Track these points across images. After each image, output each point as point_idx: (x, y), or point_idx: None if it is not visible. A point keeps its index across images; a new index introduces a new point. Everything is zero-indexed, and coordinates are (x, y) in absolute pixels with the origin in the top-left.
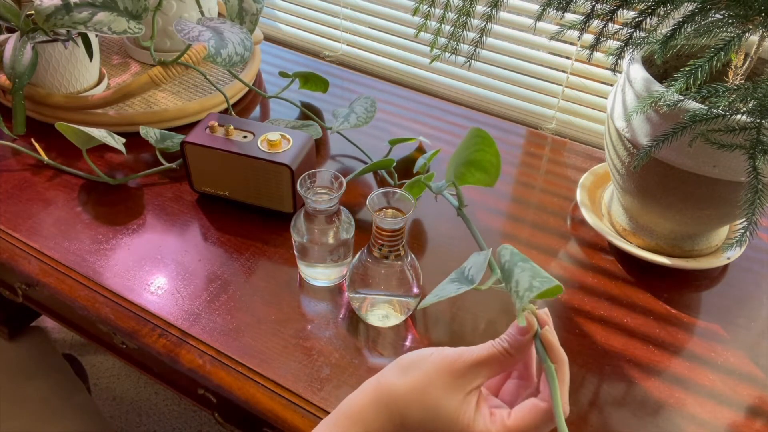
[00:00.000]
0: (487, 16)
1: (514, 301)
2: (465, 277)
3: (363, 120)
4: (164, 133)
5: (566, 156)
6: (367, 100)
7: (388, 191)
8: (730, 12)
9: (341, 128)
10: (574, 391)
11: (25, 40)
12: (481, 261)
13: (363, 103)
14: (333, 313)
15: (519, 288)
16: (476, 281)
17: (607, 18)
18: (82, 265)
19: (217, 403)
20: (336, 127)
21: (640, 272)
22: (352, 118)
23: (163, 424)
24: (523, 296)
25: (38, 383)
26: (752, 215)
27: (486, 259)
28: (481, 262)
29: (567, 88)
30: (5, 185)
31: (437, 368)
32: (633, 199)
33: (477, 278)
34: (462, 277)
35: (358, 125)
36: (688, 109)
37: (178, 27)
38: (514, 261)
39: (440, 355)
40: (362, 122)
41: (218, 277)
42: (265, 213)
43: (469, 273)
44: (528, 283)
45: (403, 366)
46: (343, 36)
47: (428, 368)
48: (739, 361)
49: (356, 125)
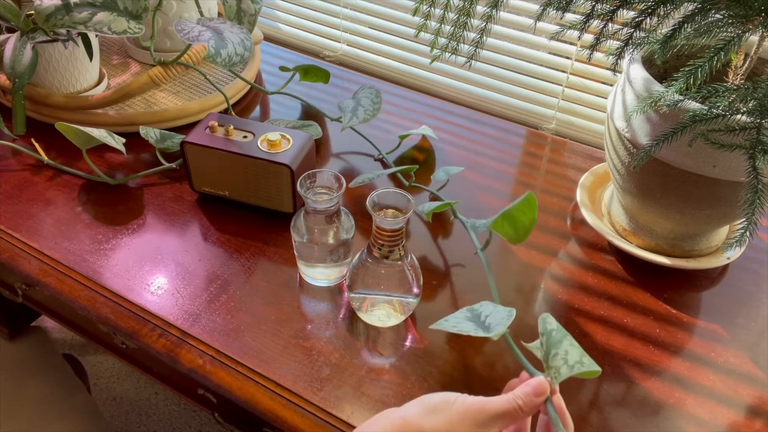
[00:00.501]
0: (487, 16)
1: (550, 365)
2: (481, 322)
3: (371, 113)
4: (164, 133)
5: (566, 156)
6: (371, 91)
7: (388, 191)
8: (730, 12)
9: (351, 124)
10: (575, 391)
11: (25, 40)
12: (503, 317)
13: (368, 94)
14: (333, 313)
15: (569, 358)
16: (492, 333)
17: (607, 18)
18: (82, 265)
19: (217, 403)
20: (346, 123)
21: (640, 272)
22: (360, 113)
23: (163, 424)
24: (573, 367)
25: (38, 383)
26: (752, 215)
27: (510, 319)
28: (503, 318)
29: (567, 88)
30: (5, 185)
31: (462, 417)
32: (633, 199)
33: (495, 331)
34: (476, 318)
35: (366, 119)
36: (688, 109)
37: (178, 27)
38: (563, 333)
39: (464, 404)
40: (370, 115)
41: (218, 277)
42: (265, 213)
43: (486, 320)
44: (579, 357)
45: (430, 407)
46: (343, 36)
47: (453, 416)
48: (739, 361)
49: (365, 119)
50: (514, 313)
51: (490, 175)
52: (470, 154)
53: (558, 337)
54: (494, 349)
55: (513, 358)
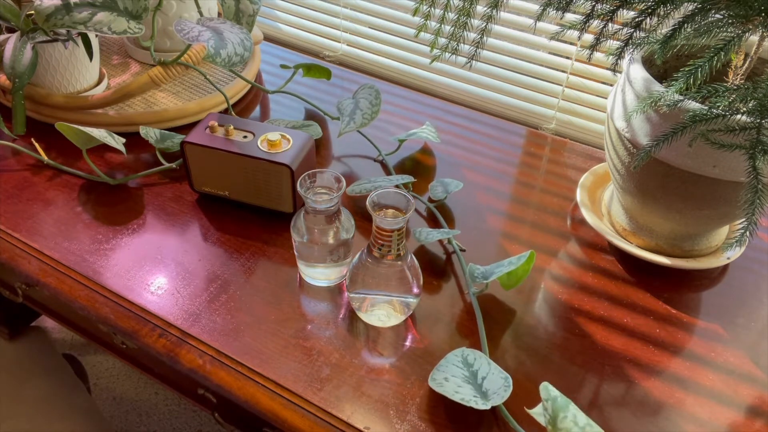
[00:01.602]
0: (487, 16)
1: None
2: (479, 385)
3: (369, 117)
4: (164, 133)
5: (566, 156)
6: (371, 91)
7: (389, 191)
8: (730, 12)
9: (347, 130)
10: (575, 391)
11: (25, 40)
12: (500, 386)
13: (367, 95)
14: (333, 313)
15: (578, 420)
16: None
17: (607, 18)
18: (82, 265)
19: (217, 403)
20: (343, 128)
21: (640, 272)
22: (358, 117)
23: (163, 424)
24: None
25: (38, 383)
26: (752, 215)
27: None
28: (500, 388)
29: (567, 88)
30: (5, 185)
31: None
32: (633, 199)
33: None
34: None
35: (364, 124)
36: (688, 109)
37: (177, 27)
38: (567, 399)
39: None
40: (368, 119)
41: (218, 277)
42: (265, 213)
43: (484, 384)
44: (586, 420)
45: None
46: (343, 36)
47: None
48: (739, 361)
49: (362, 124)
50: (511, 383)
51: (490, 175)
52: (470, 154)
53: (563, 402)
54: (494, 349)
55: (512, 360)
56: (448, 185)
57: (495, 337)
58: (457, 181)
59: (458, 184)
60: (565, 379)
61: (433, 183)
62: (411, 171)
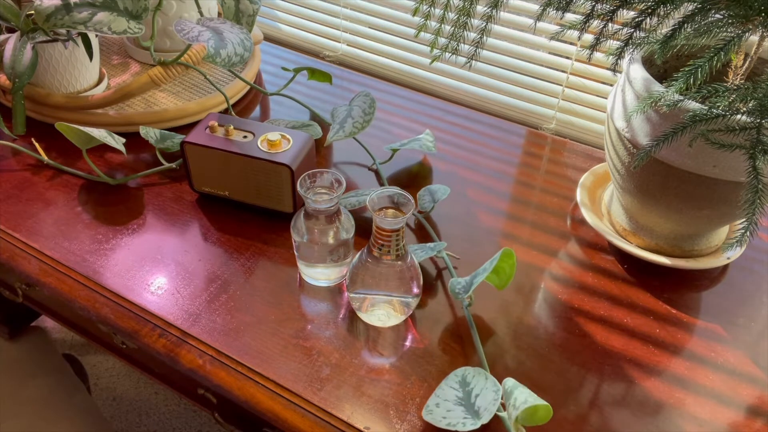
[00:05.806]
0: (487, 16)
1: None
2: (471, 404)
3: (359, 126)
4: (164, 133)
5: (566, 156)
6: (366, 99)
7: (389, 191)
8: (730, 12)
9: (336, 138)
10: (575, 391)
11: (25, 40)
12: (491, 399)
13: (361, 103)
14: (333, 313)
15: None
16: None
17: (607, 18)
18: (82, 265)
19: (216, 403)
20: (331, 136)
21: (640, 272)
22: (348, 125)
23: (163, 424)
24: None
25: (38, 383)
26: (752, 215)
27: (496, 404)
28: (489, 403)
29: (567, 88)
30: (5, 185)
31: None
32: (633, 199)
33: (484, 418)
34: (467, 397)
35: (353, 133)
36: (688, 109)
37: (178, 27)
38: (514, 383)
39: None
40: (358, 128)
41: (218, 277)
42: (265, 213)
43: (477, 404)
44: (524, 398)
45: None
46: (343, 36)
47: None
48: (739, 361)
49: (351, 133)
50: (500, 396)
51: (490, 175)
52: (470, 154)
53: (511, 388)
54: (493, 349)
55: (511, 360)
56: (435, 193)
57: (495, 337)
58: (444, 187)
59: (445, 190)
60: (565, 379)
61: (421, 192)
62: (406, 179)
